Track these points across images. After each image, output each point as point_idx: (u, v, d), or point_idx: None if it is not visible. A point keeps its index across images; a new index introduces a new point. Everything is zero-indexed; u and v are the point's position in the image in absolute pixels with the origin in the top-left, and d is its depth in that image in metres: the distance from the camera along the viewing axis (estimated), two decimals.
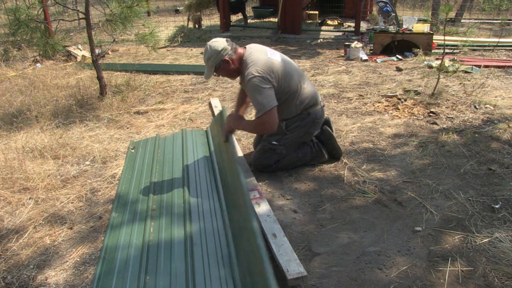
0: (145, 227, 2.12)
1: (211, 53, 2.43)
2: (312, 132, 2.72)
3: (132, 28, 4.41)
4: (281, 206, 2.36)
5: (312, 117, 2.64)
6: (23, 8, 4.05)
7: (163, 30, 8.55)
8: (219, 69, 2.48)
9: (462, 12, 9.22)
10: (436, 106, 3.76)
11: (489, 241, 1.99)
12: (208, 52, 2.44)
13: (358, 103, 4.00)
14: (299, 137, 2.67)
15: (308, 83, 2.67)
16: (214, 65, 2.46)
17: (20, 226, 2.26)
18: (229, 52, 2.44)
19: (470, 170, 2.65)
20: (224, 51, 2.43)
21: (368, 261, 1.90)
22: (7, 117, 3.87)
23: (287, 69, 2.52)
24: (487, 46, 6.21)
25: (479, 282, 1.75)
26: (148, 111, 3.99)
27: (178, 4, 13.14)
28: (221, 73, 2.54)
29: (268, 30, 8.40)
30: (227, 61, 2.45)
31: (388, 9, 6.39)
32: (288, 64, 2.57)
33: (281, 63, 2.50)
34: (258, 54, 2.47)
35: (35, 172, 2.75)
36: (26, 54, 6.44)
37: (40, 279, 1.87)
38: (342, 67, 5.50)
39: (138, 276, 1.78)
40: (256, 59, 2.43)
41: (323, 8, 9.96)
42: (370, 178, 2.61)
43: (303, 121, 2.62)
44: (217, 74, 2.56)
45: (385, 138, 3.19)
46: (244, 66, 2.45)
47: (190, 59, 6.41)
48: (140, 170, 2.72)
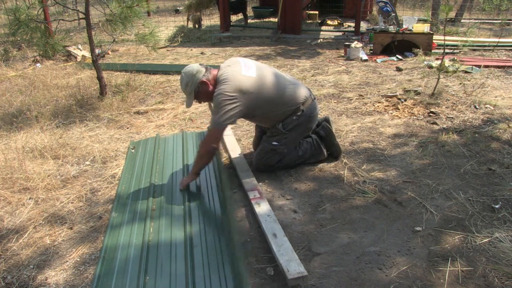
0: (145, 227, 2.12)
1: (187, 79, 2.42)
2: (311, 127, 2.74)
3: (132, 28, 4.41)
4: (281, 206, 2.36)
5: (307, 114, 2.64)
6: (23, 8, 4.04)
7: (163, 30, 8.55)
8: (198, 93, 2.45)
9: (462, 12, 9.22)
10: (436, 106, 3.76)
11: (489, 241, 1.99)
12: (184, 79, 2.43)
13: (358, 103, 4.00)
14: (299, 134, 2.68)
15: (291, 86, 2.61)
16: (193, 90, 2.43)
17: (20, 226, 2.26)
18: (204, 73, 2.43)
19: (470, 170, 2.65)
20: (199, 73, 2.42)
21: (368, 261, 1.89)
22: (7, 117, 3.87)
23: (263, 81, 2.49)
24: (487, 46, 6.21)
25: (479, 282, 1.75)
26: (148, 111, 3.99)
27: (178, 4, 13.14)
28: (201, 98, 2.51)
29: (268, 30, 8.40)
30: (205, 83, 2.43)
31: (388, 9, 6.39)
32: (264, 75, 2.53)
33: (256, 78, 2.47)
34: (232, 72, 2.43)
35: (35, 172, 2.75)
36: (26, 54, 6.44)
37: (40, 279, 1.87)
38: (342, 67, 5.50)
39: (138, 276, 1.78)
40: (228, 77, 2.41)
41: (323, 8, 9.97)
42: (370, 178, 2.61)
43: (299, 119, 2.62)
44: (198, 101, 2.54)
45: (385, 138, 3.19)
46: (218, 85, 2.43)
47: (190, 59, 6.41)
48: (140, 170, 2.72)
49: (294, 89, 2.63)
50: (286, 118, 2.62)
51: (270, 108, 2.55)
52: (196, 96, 2.46)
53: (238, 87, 2.37)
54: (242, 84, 2.39)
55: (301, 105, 2.62)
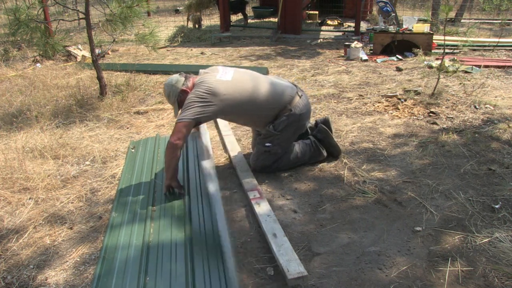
0: (145, 227, 2.12)
1: (168, 90, 2.54)
2: (303, 124, 2.72)
3: (132, 28, 4.41)
4: (281, 206, 2.36)
5: (296, 112, 2.61)
6: (23, 8, 4.04)
7: (163, 30, 8.55)
8: (181, 102, 2.52)
9: (462, 12, 9.22)
10: (436, 106, 3.76)
11: (489, 241, 1.99)
12: (166, 91, 2.55)
13: (358, 103, 4.00)
14: (291, 133, 2.67)
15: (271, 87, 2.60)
16: (175, 100, 2.53)
17: (20, 226, 2.26)
18: (184, 82, 2.53)
19: (470, 170, 2.65)
20: (179, 83, 2.53)
21: (368, 261, 1.89)
22: (7, 117, 3.87)
23: (238, 85, 2.51)
24: (487, 46, 6.21)
25: (479, 282, 1.75)
26: (148, 111, 3.99)
27: (178, 4, 13.14)
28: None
29: (268, 30, 8.40)
30: (185, 91, 2.52)
31: (388, 9, 6.39)
32: (242, 78, 2.56)
33: (231, 81, 2.50)
34: (207, 77, 2.51)
35: (35, 172, 2.75)
36: (26, 54, 6.44)
37: (40, 279, 1.87)
38: (342, 67, 5.50)
39: (138, 277, 1.78)
40: (202, 81, 2.47)
41: (323, 8, 9.97)
42: (370, 178, 2.61)
43: (289, 119, 2.60)
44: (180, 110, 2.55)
45: (385, 138, 3.19)
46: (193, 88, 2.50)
47: (190, 59, 6.41)
48: (140, 170, 2.72)
49: (274, 90, 2.61)
50: (275, 119, 2.61)
51: (252, 110, 2.57)
52: (179, 104, 2.54)
53: (210, 89, 2.42)
54: (214, 87, 2.43)
55: (288, 104, 2.61)
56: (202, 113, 2.40)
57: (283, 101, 2.60)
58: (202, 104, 2.39)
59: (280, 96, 2.61)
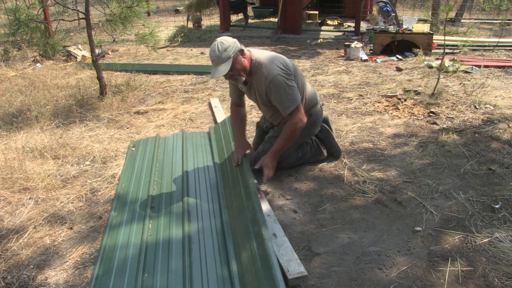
0: (143, 226, 2.12)
1: (227, 43, 2.25)
2: (313, 131, 2.73)
3: (132, 28, 4.42)
4: (281, 206, 2.36)
5: (313, 118, 2.65)
6: (23, 8, 4.04)
7: (163, 30, 8.55)
8: (236, 61, 2.26)
9: (462, 12, 9.22)
10: (436, 106, 3.76)
11: (489, 241, 1.99)
12: (224, 44, 2.24)
13: (358, 103, 4.00)
14: (301, 138, 2.66)
15: (308, 82, 2.67)
16: (231, 57, 2.23)
17: (20, 226, 2.26)
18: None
19: (470, 170, 2.65)
20: (238, 43, 2.30)
21: (368, 261, 1.89)
22: (7, 117, 3.87)
23: (295, 68, 2.51)
24: (487, 46, 6.21)
25: (479, 282, 1.75)
26: (148, 111, 3.99)
27: (178, 4, 13.13)
28: (235, 69, 2.29)
29: (268, 30, 8.40)
30: (244, 52, 2.29)
31: (388, 9, 6.39)
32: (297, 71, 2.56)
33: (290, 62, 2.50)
34: (266, 54, 2.40)
35: (35, 172, 2.74)
36: (26, 54, 6.43)
37: (40, 279, 1.87)
38: (342, 67, 5.50)
39: (136, 275, 1.79)
40: (270, 57, 2.34)
41: (323, 8, 9.97)
42: (370, 178, 2.61)
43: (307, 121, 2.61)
44: (228, 74, 2.30)
45: (385, 138, 3.19)
46: (257, 66, 2.34)
47: (190, 59, 6.41)
48: (140, 170, 2.72)
49: (312, 89, 2.69)
50: None
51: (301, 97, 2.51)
52: (233, 64, 2.26)
53: (287, 64, 2.37)
54: (287, 61, 2.39)
55: (311, 108, 2.63)
56: (295, 87, 2.38)
57: (311, 103, 2.63)
58: (294, 80, 2.37)
59: (313, 95, 2.64)
